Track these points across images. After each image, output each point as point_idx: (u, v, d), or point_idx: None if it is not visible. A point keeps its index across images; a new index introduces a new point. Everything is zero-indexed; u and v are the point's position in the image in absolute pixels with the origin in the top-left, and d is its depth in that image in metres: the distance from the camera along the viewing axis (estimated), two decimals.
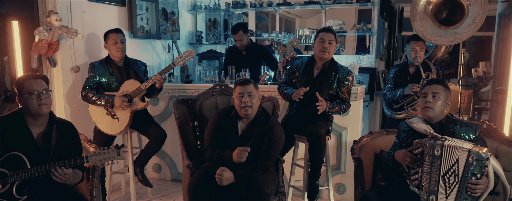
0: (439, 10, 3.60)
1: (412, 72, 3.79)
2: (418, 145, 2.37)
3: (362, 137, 3.03)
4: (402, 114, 3.73)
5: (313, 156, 3.24)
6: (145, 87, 3.47)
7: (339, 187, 3.97)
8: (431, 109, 2.47)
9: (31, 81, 2.34)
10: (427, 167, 2.31)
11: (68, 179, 2.31)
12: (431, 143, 2.29)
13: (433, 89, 2.48)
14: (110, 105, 3.47)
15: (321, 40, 3.28)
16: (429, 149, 2.29)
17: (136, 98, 3.51)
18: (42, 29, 3.41)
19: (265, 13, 8.02)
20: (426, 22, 3.63)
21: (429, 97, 2.48)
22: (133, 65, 3.65)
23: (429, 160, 2.30)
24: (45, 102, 2.34)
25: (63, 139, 2.44)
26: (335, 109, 3.28)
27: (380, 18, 5.05)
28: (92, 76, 3.53)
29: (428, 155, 2.30)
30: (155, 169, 4.67)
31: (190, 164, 3.00)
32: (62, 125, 2.47)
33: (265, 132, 2.88)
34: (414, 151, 2.38)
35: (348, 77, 3.32)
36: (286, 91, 3.34)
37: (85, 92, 3.49)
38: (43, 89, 2.35)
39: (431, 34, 3.61)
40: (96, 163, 2.36)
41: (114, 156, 2.36)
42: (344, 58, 5.07)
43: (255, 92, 2.88)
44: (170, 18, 5.09)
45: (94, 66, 3.54)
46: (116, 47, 3.51)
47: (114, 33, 3.53)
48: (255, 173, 2.78)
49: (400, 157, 2.47)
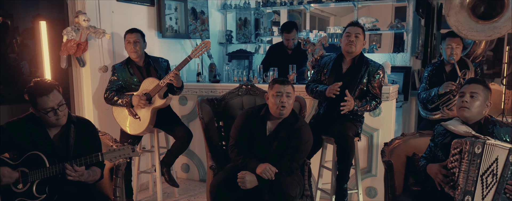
0: (477, 4, 3.40)
1: (448, 70, 3.61)
2: (457, 144, 2.24)
3: (393, 139, 2.89)
4: (438, 114, 3.57)
5: (341, 158, 3.12)
6: (163, 84, 3.43)
7: (370, 190, 3.82)
8: (467, 109, 2.34)
9: (44, 98, 2.25)
10: (466, 165, 2.18)
11: (82, 177, 2.30)
12: (472, 140, 2.17)
13: (471, 89, 2.35)
14: (129, 104, 3.46)
15: (348, 34, 3.18)
16: (469, 146, 2.17)
17: (155, 96, 3.48)
18: (70, 29, 3.44)
19: (297, 12, 7.89)
20: (461, 17, 3.44)
21: (466, 97, 2.35)
22: (154, 63, 3.62)
23: (468, 158, 2.17)
24: (63, 114, 2.33)
25: (81, 138, 2.44)
26: (364, 107, 3.14)
27: (416, 15, 4.84)
28: (114, 80, 3.53)
29: (467, 153, 2.17)
30: (183, 169, 4.66)
31: (213, 165, 2.94)
32: (79, 124, 2.47)
33: (293, 134, 2.78)
34: (452, 151, 2.25)
35: (378, 71, 3.19)
36: (317, 89, 3.23)
37: (107, 94, 3.50)
38: (58, 103, 2.30)
39: (468, 29, 3.42)
40: (111, 160, 2.33)
41: (129, 152, 2.32)
42: (378, 56, 4.89)
43: (292, 94, 2.80)
44: (200, 18, 5.07)
45: (115, 69, 3.55)
46: (129, 47, 3.49)
47: (128, 34, 3.50)
48: (280, 176, 2.69)
49: (432, 173, 2.37)
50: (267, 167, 2.65)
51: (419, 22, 5.10)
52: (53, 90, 2.29)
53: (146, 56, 3.62)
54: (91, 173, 2.38)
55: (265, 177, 2.64)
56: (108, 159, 2.33)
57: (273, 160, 2.73)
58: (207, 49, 3.53)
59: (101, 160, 2.34)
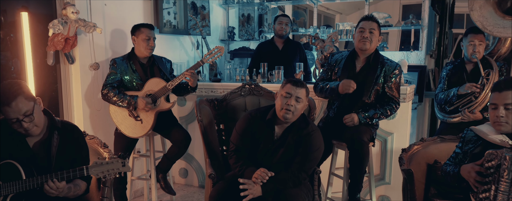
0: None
1: (469, 70, 3.30)
2: (492, 157, 1.90)
3: (412, 145, 2.60)
4: (457, 117, 3.26)
5: (354, 165, 2.82)
6: (171, 86, 3.16)
7: (383, 199, 3.52)
8: (505, 124, 2.03)
9: (5, 108, 1.92)
10: (505, 185, 1.84)
11: (62, 193, 2.00)
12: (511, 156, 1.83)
13: (504, 100, 2.02)
14: (133, 107, 3.18)
15: (361, 30, 2.87)
16: (509, 163, 1.83)
17: (161, 99, 3.21)
18: (57, 22, 3.14)
19: (303, 9, 7.59)
20: (486, 11, 3.14)
21: (500, 111, 2.02)
22: (158, 62, 3.35)
23: (508, 177, 1.84)
24: (32, 125, 2.00)
25: (65, 147, 2.14)
26: (374, 115, 2.86)
27: (432, 11, 4.54)
28: (113, 73, 3.24)
29: (507, 170, 1.84)
30: (182, 174, 4.37)
31: (212, 174, 2.65)
32: (64, 130, 2.16)
33: (302, 140, 2.48)
34: (486, 164, 1.93)
35: (395, 71, 2.89)
36: (328, 87, 2.93)
37: (106, 91, 3.19)
38: (24, 113, 1.95)
39: (493, 25, 3.13)
40: (98, 175, 2.03)
41: (119, 167, 2.02)
42: (391, 55, 4.60)
43: (304, 99, 2.49)
44: (200, 13, 4.78)
45: (116, 63, 3.24)
46: (148, 44, 3.23)
47: (148, 29, 3.24)
48: (286, 186, 2.40)
49: (466, 173, 2.02)
50: (260, 172, 2.38)
51: (434, 18, 4.79)
52: (16, 98, 1.93)
53: None
54: (73, 187, 2.08)
55: (258, 182, 2.37)
56: (94, 174, 2.03)
57: (277, 169, 2.44)
58: (221, 55, 3.34)
59: (86, 175, 2.03)
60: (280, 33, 4.23)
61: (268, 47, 4.37)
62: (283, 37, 4.25)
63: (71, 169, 2.01)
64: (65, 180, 2.00)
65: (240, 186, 2.34)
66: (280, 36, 4.25)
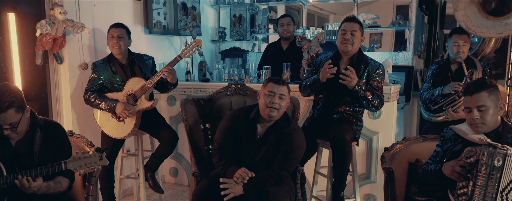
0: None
1: (454, 69, 3.35)
2: (471, 153, 1.95)
3: (395, 144, 2.64)
4: (441, 116, 3.31)
5: (337, 164, 2.86)
6: (151, 84, 3.17)
7: (368, 198, 3.56)
8: (481, 124, 2.07)
9: None
10: (483, 180, 1.90)
11: (40, 190, 2.03)
12: (490, 151, 1.88)
13: (476, 103, 2.05)
14: (112, 111, 3.19)
15: (343, 32, 2.89)
16: (487, 158, 1.88)
17: (141, 98, 3.22)
18: (45, 22, 3.18)
19: (295, 10, 7.63)
20: (470, 11, 3.17)
21: (474, 113, 2.05)
22: (138, 61, 3.35)
23: (486, 172, 1.89)
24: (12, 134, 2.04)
25: (48, 144, 2.17)
26: (367, 93, 2.82)
27: (419, 11, 4.58)
28: (95, 78, 3.25)
29: (485, 165, 1.89)
30: (172, 173, 4.40)
31: (196, 172, 2.69)
32: (46, 128, 2.20)
33: (284, 139, 2.52)
34: (465, 161, 1.97)
35: (378, 71, 2.91)
36: (310, 79, 2.95)
37: (87, 95, 3.22)
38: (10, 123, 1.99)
39: (477, 25, 3.16)
40: (76, 169, 2.06)
41: (96, 160, 2.06)
42: (378, 55, 4.63)
43: (287, 96, 2.53)
44: (191, 13, 4.81)
45: (96, 66, 3.26)
46: (111, 42, 3.21)
47: (112, 28, 3.23)
48: (267, 184, 2.43)
49: (448, 170, 2.06)
50: (240, 171, 2.42)
51: (422, 19, 4.84)
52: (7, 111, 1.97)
53: (129, 53, 3.35)
54: (53, 185, 2.11)
55: (239, 182, 2.41)
56: (72, 168, 2.06)
57: (260, 168, 2.48)
58: (198, 48, 3.28)
59: (65, 169, 2.06)
60: (284, 35, 4.29)
61: (273, 48, 4.44)
62: (289, 38, 4.31)
63: (50, 164, 2.04)
64: (41, 178, 2.03)
65: (221, 185, 2.38)
66: (285, 38, 4.31)
